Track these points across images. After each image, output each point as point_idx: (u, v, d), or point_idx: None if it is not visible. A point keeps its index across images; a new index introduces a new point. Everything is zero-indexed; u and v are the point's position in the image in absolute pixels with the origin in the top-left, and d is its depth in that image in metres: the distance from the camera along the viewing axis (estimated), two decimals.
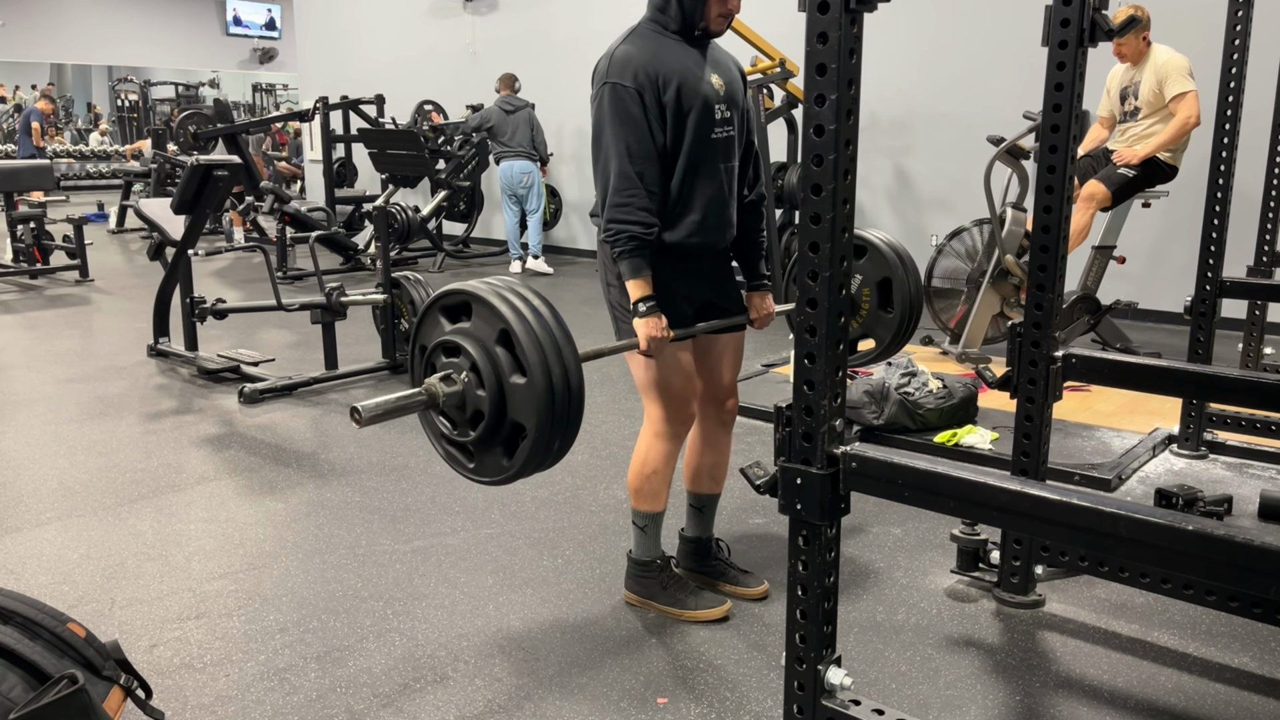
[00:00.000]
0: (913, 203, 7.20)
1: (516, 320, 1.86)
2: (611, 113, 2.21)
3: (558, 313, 1.92)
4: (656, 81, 2.23)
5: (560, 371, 1.86)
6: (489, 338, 1.90)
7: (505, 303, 1.87)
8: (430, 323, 2.02)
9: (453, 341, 1.93)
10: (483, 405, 1.91)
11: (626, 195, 2.21)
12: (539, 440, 1.88)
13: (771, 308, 2.59)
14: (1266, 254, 3.86)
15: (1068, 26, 2.22)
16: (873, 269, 2.69)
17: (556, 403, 1.87)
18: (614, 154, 2.22)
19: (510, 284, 1.93)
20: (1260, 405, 2.48)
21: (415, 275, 5.09)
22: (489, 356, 1.89)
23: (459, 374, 1.92)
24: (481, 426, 1.93)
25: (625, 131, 2.21)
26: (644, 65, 2.23)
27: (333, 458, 3.83)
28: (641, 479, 2.51)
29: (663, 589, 2.59)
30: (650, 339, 2.26)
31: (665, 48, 2.28)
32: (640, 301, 2.25)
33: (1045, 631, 2.49)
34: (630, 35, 2.31)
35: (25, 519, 3.26)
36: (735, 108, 2.37)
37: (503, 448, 1.96)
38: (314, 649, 2.44)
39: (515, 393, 1.88)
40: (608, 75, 2.24)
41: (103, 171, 17.39)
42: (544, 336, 1.86)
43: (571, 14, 9.24)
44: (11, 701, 1.65)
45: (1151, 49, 4.78)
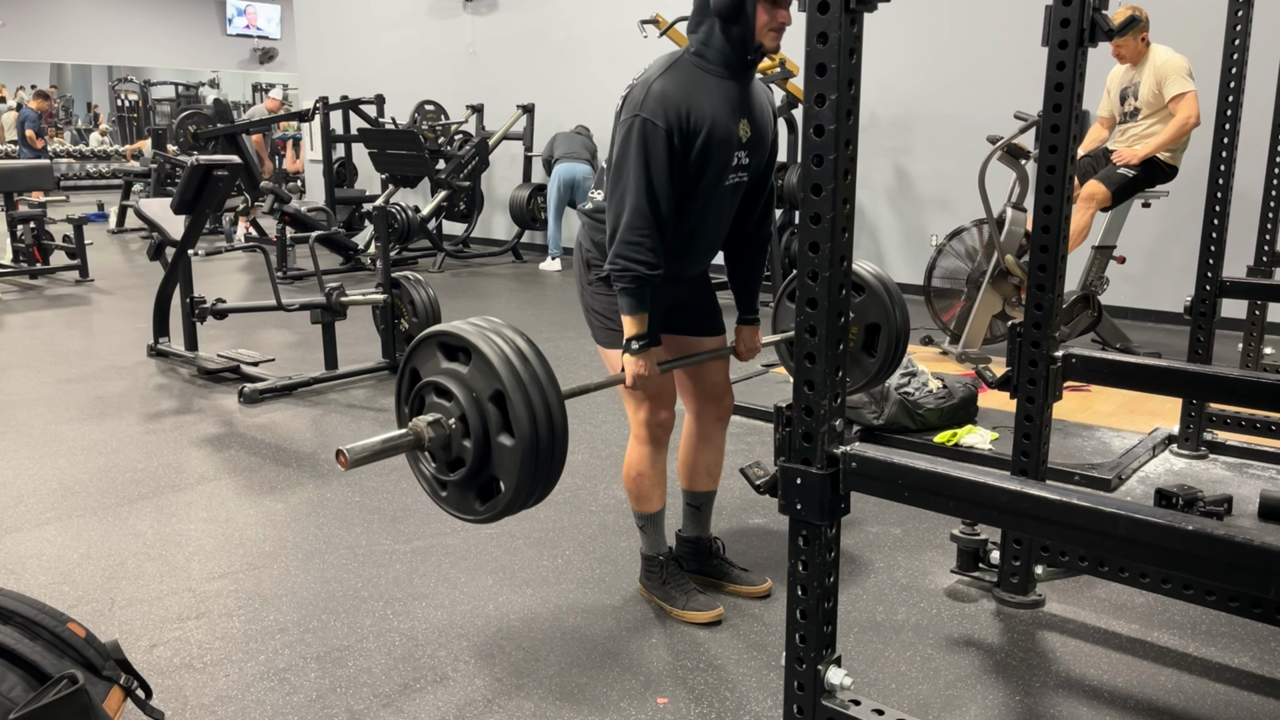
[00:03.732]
0: (913, 203, 7.20)
1: (513, 383, 1.86)
2: (638, 147, 2.16)
3: (551, 371, 1.92)
4: (687, 124, 2.18)
5: (548, 436, 1.88)
6: (483, 392, 1.89)
7: (505, 364, 1.86)
8: (426, 352, 2.02)
9: (446, 386, 1.93)
10: (465, 455, 1.92)
11: (639, 234, 2.18)
12: (514, 499, 1.91)
13: (758, 343, 2.62)
14: (1266, 254, 3.86)
15: (1068, 26, 2.22)
16: (866, 311, 2.72)
17: (539, 465, 1.88)
18: (633, 189, 2.17)
19: (509, 336, 1.92)
20: (1260, 405, 2.48)
21: (415, 275, 5.09)
22: (479, 411, 1.90)
23: (447, 419, 1.93)
24: (461, 473, 1.95)
25: (649, 169, 2.17)
26: (678, 106, 2.17)
27: (332, 458, 3.83)
28: (630, 481, 2.55)
29: (661, 584, 2.61)
30: (637, 376, 2.29)
31: (704, 88, 2.20)
32: (634, 339, 2.27)
33: (1045, 631, 2.49)
34: (670, 68, 2.21)
35: (25, 519, 3.26)
36: (756, 152, 2.34)
37: (478, 493, 1.98)
38: (314, 649, 2.44)
39: (500, 451, 1.89)
40: (641, 108, 2.17)
41: (103, 171, 17.39)
42: (537, 401, 1.86)
43: (571, 14, 9.25)
44: (11, 701, 1.65)
45: (1151, 49, 4.78)
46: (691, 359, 2.50)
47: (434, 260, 8.92)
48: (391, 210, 8.34)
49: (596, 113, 9.15)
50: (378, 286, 5.01)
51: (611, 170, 2.24)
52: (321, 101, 9.58)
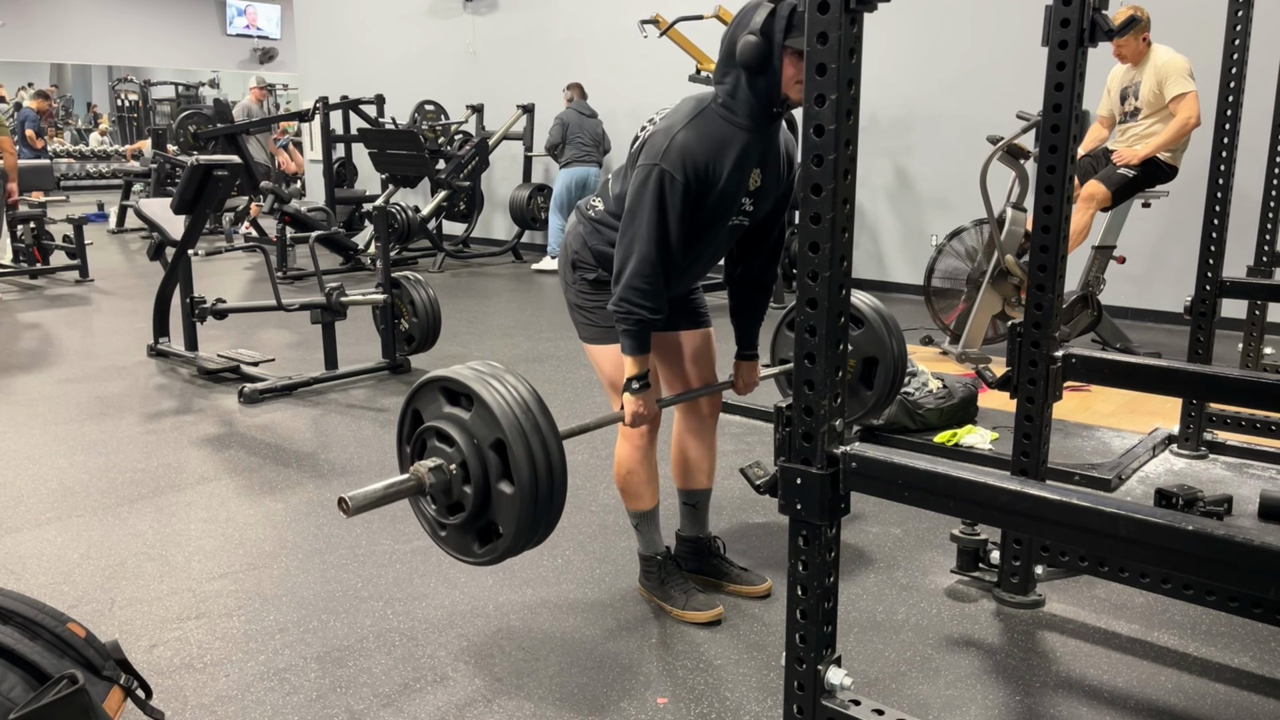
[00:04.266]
0: (913, 203, 7.20)
1: (514, 433, 1.88)
2: (655, 197, 2.17)
3: (551, 418, 1.95)
4: (705, 177, 2.19)
5: (547, 484, 1.90)
6: (484, 439, 1.92)
7: (506, 412, 1.89)
8: (429, 396, 2.04)
9: (448, 432, 1.96)
10: (465, 501, 1.96)
11: (646, 281, 2.20)
12: (514, 545, 1.94)
13: (757, 378, 2.65)
14: (1266, 254, 3.86)
15: (1068, 26, 2.22)
16: (864, 345, 2.75)
17: (538, 512, 1.91)
18: (645, 236, 2.18)
19: (515, 388, 1.94)
20: (1260, 405, 2.48)
21: (415, 275, 5.09)
22: (480, 458, 1.93)
23: (448, 464, 1.96)
24: (460, 517, 1.98)
25: (664, 220, 2.18)
26: (698, 161, 2.17)
27: (333, 458, 3.83)
28: (621, 479, 2.56)
29: (660, 583, 2.61)
30: (636, 415, 2.32)
31: (727, 141, 2.20)
32: (634, 379, 2.30)
33: (1045, 631, 2.49)
34: (696, 118, 2.20)
35: (25, 519, 3.26)
36: (762, 199, 2.34)
37: (477, 537, 2.01)
38: (314, 649, 2.44)
39: (500, 498, 1.92)
40: (663, 158, 2.17)
41: (103, 171, 17.38)
42: (537, 450, 1.89)
43: (571, 14, 9.25)
44: (11, 701, 1.65)
45: (1151, 49, 4.78)
46: (690, 395, 2.55)
47: (434, 260, 8.92)
48: (391, 210, 8.34)
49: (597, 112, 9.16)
50: (378, 286, 5.01)
51: (625, 208, 2.24)
52: (321, 101, 9.58)
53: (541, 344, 5.77)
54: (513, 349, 5.68)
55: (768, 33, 2.07)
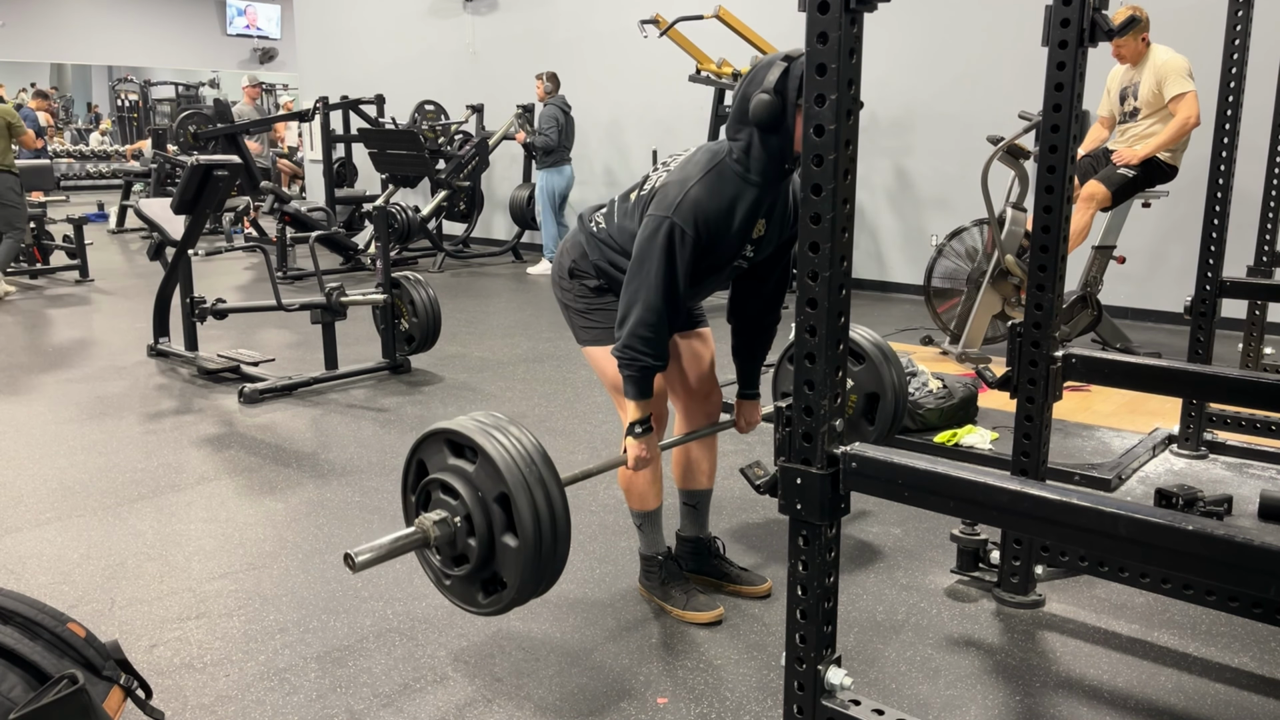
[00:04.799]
0: (913, 203, 7.20)
1: (519, 488, 1.90)
2: (664, 250, 2.19)
3: (555, 470, 1.97)
4: (714, 232, 2.22)
5: (550, 537, 1.93)
6: (489, 492, 1.94)
7: (510, 466, 1.91)
8: (434, 447, 2.07)
9: (453, 485, 1.98)
10: (470, 554, 1.98)
11: (652, 329, 2.22)
12: (519, 596, 1.97)
13: (758, 417, 2.67)
14: (1266, 254, 3.86)
15: (1068, 26, 2.22)
16: (865, 381, 2.79)
17: (543, 565, 1.94)
18: (653, 286, 2.20)
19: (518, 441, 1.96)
20: (1260, 405, 2.48)
21: (415, 275, 5.09)
22: (485, 511, 1.95)
23: (453, 517, 1.98)
24: (465, 569, 2.00)
25: (673, 273, 2.20)
26: (709, 216, 2.19)
27: (333, 458, 3.83)
28: (626, 480, 2.56)
29: (661, 584, 2.62)
30: (638, 459, 2.34)
31: (740, 197, 2.22)
32: (637, 424, 2.32)
33: (1045, 631, 2.49)
34: (710, 173, 2.21)
35: (25, 519, 3.26)
36: (764, 246, 2.36)
37: (481, 588, 2.03)
38: (314, 649, 2.44)
39: (504, 551, 1.94)
40: (675, 211, 2.18)
41: (103, 171, 17.38)
42: (541, 503, 1.91)
43: (571, 14, 9.25)
44: (11, 701, 1.65)
45: (1151, 49, 4.78)
46: (693, 436, 2.59)
47: (434, 260, 8.92)
48: (391, 210, 8.34)
49: (596, 112, 9.16)
50: (378, 286, 5.01)
51: (634, 256, 2.25)
52: (321, 101, 9.59)
53: (541, 344, 5.77)
54: (513, 349, 5.69)
55: (781, 91, 2.09)
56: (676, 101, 8.31)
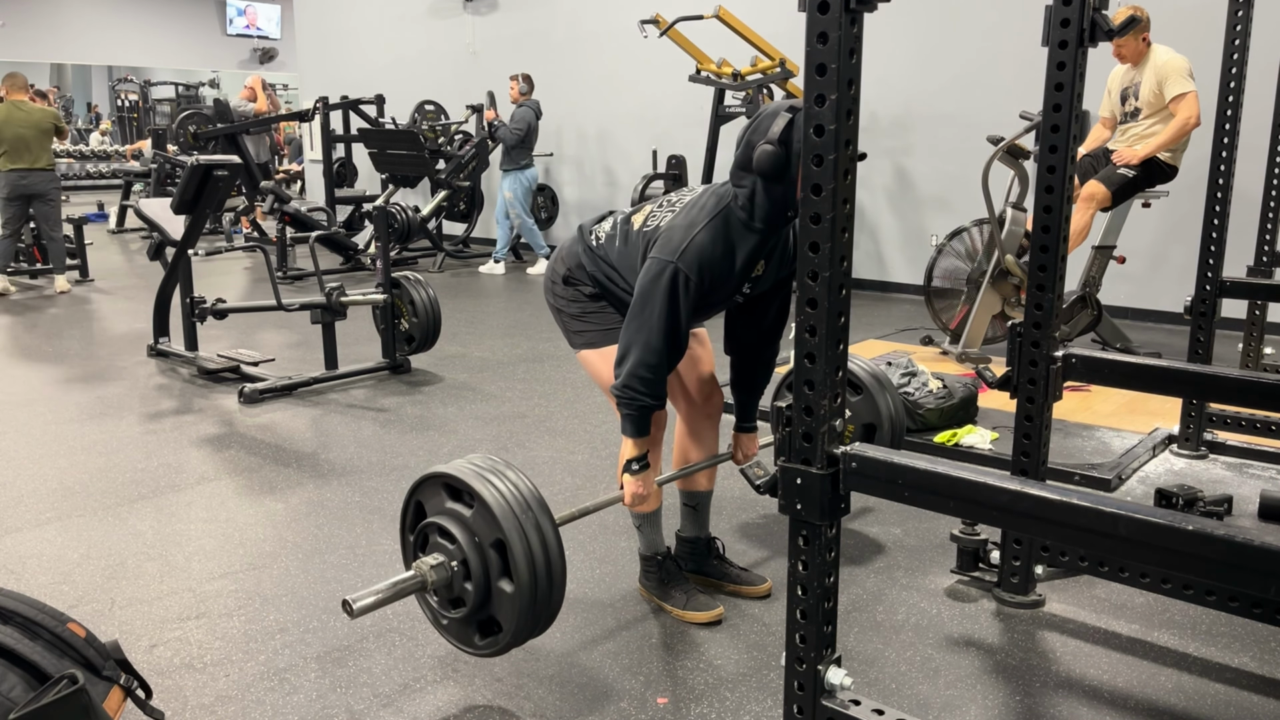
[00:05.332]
0: (913, 203, 7.20)
1: (515, 534, 1.93)
2: (667, 295, 2.20)
3: (550, 515, 1.99)
4: (716, 277, 2.24)
5: (546, 585, 1.95)
6: (485, 538, 1.97)
7: (506, 513, 1.93)
8: (431, 490, 2.10)
9: (449, 530, 2.01)
10: (467, 597, 2.02)
11: (651, 370, 2.23)
12: (515, 640, 2.00)
13: (755, 450, 2.68)
14: (1266, 254, 3.86)
15: (1068, 26, 2.22)
16: (862, 412, 2.81)
17: (538, 610, 1.97)
18: (655, 329, 2.21)
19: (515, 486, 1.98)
20: (1260, 405, 2.48)
21: (415, 275, 5.09)
22: (481, 556, 1.98)
23: (450, 561, 2.01)
24: (461, 612, 2.04)
25: (675, 316, 2.22)
26: (713, 262, 2.21)
27: (333, 458, 3.83)
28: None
29: (661, 584, 2.62)
30: (636, 495, 2.37)
31: (743, 243, 2.24)
32: (634, 461, 2.34)
33: (1045, 631, 2.49)
34: (715, 219, 2.22)
35: (25, 519, 3.26)
36: (762, 283, 2.37)
37: (478, 629, 2.06)
38: (314, 649, 2.44)
39: (500, 595, 1.98)
40: (680, 257, 2.19)
41: (103, 171, 17.38)
42: (537, 552, 1.94)
43: (571, 14, 9.25)
44: (11, 701, 1.65)
45: (1151, 49, 4.78)
46: (690, 470, 2.61)
47: (434, 260, 8.92)
48: (391, 210, 8.34)
49: (596, 112, 9.16)
50: (378, 286, 5.01)
51: (636, 297, 2.26)
52: (321, 101, 9.58)
53: (541, 344, 5.77)
54: (513, 349, 5.68)
55: (786, 142, 2.09)
56: (676, 102, 8.31)
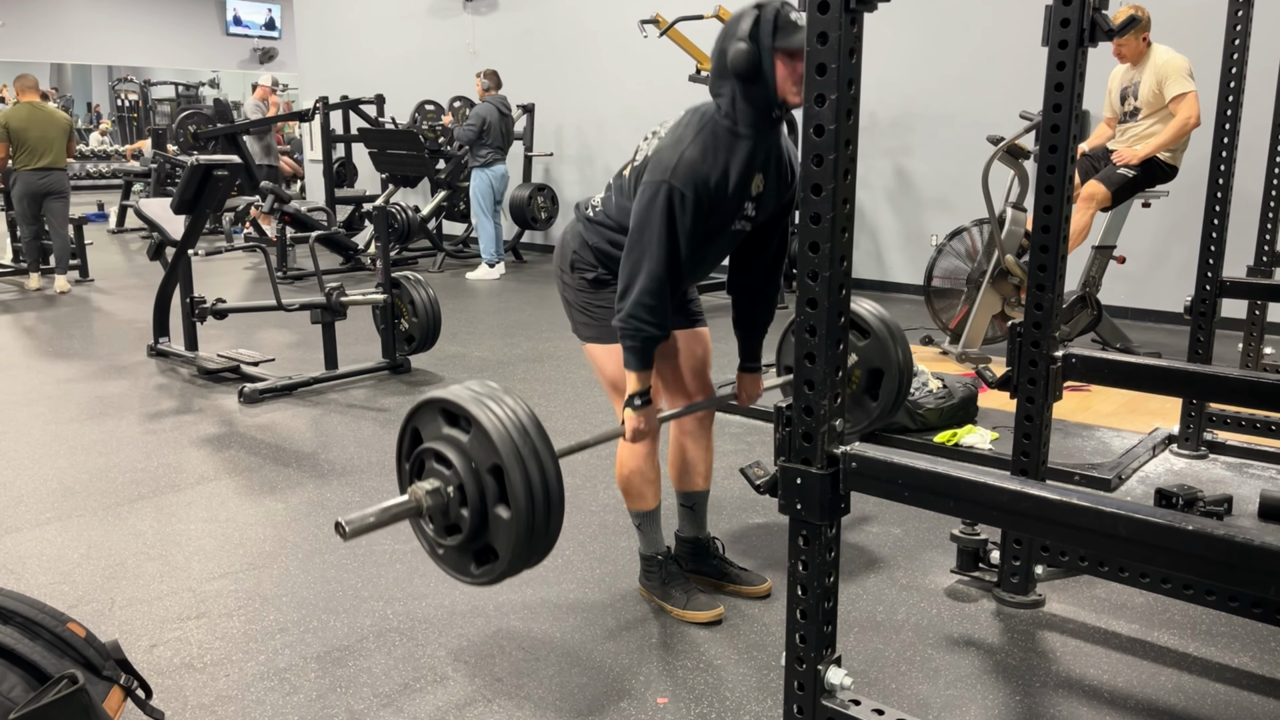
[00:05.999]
0: (913, 203, 7.20)
1: (511, 458, 1.87)
2: (663, 214, 2.17)
3: (548, 441, 1.94)
4: (712, 190, 2.20)
5: (544, 509, 1.90)
6: (482, 463, 1.92)
7: (504, 438, 1.88)
8: (428, 416, 2.04)
9: (446, 454, 1.96)
10: (463, 524, 1.95)
11: (655, 298, 2.20)
12: (510, 568, 1.94)
13: (759, 390, 2.64)
14: (1266, 254, 3.86)
15: (1068, 26, 2.22)
16: (870, 356, 2.74)
17: (535, 538, 1.91)
18: (653, 255, 2.18)
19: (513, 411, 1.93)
20: (1260, 405, 2.48)
21: (415, 275, 5.09)
22: (478, 481, 1.93)
23: (446, 486, 1.96)
24: (457, 539, 1.98)
25: (674, 237, 2.18)
26: (707, 175, 2.18)
27: (333, 458, 3.83)
28: (623, 480, 2.56)
29: (661, 583, 2.61)
30: (637, 431, 2.32)
31: (734, 152, 2.21)
32: (636, 395, 2.30)
33: (1045, 631, 2.49)
34: (703, 132, 2.20)
35: (25, 519, 3.26)
36: (765, 203, 2.34)
37: (474, 558, 2.01)
38: (314, 649, 2.44)
39: (497, 522, 1.92)
40: (672, 175, 2.17)
41: (103, 171, 17.38)
42: (534, 475, 1.88)
43: (571, 14, 9.25)
44: (11, 701, 1.65)
45: (1152, 49, 4.78)
46: (691, 409, 2.54)
47: (434, 260, 8.92)
48: (391, 210, 8.33)
49: (596, 112, 9.16)
50: (378, 286, 5.01)
51: (632, 224, 2.23)
52: (321, 101, 9.58)
53: (541, 344, 5.77)
54: (513, 349, 5.68)
55: (755, 38, 2.08)
56: (676, 101, 8.24)
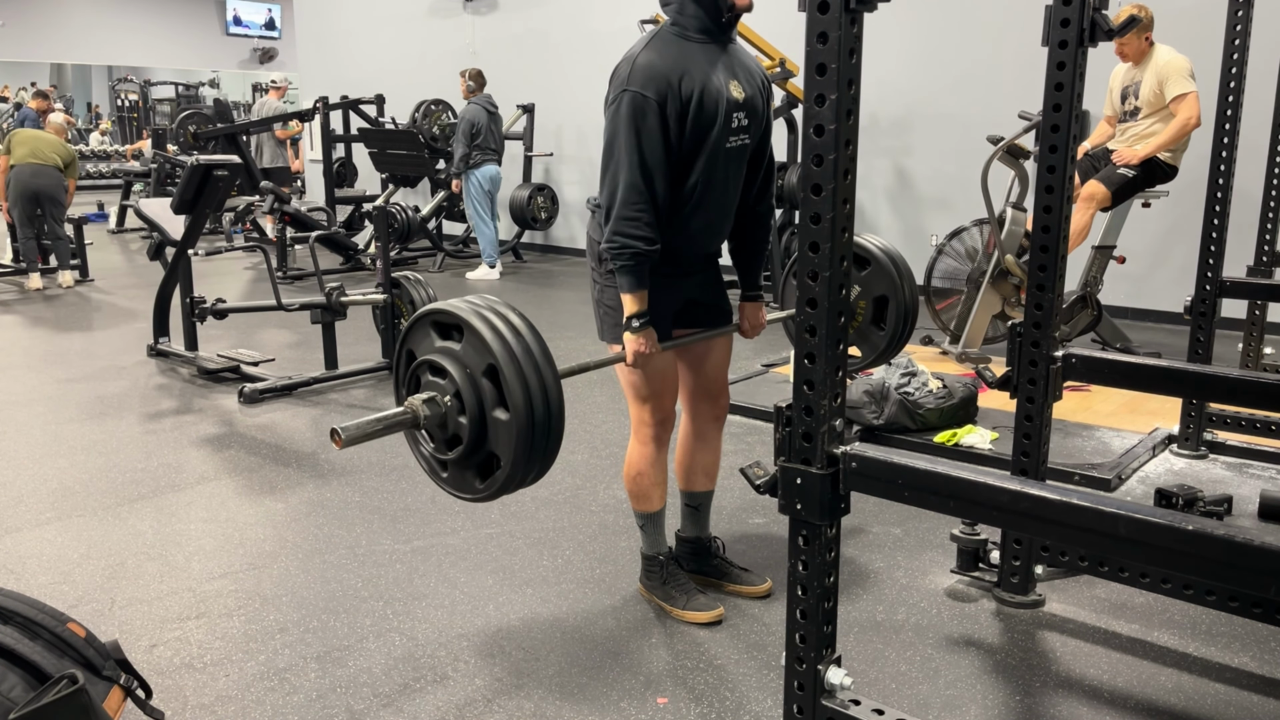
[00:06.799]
0: (913, 203, 7.20)
1: (505, 357, 1.85)
2: (628, 122, 2.14)
3: (545, 346, 1.91)
4: (679, 91, 2.16)
5: (543, 410, 1.87)
6: (476, 367, 1.89)
7: (496, 336, 1.86)
8: (420, 333, 2.01)
9: (440, 364, 1.93)
10: (462, 432, 1.92)
11: (635, 209, 2.16)
12: (513, 474, 1.91)
13: (763, 319, 2.60)
14: (1266, 254, 3.86)
15: (1068, 26, 2.22)
16: (873, 283, 2.71)
17: (535, 440, 1.88)
18: (625, 164, 2.16)
19: (502, 312, 1.91)
20: (1260, 405, 2.48)
21: (415, 275, 5.09)
22: (474, 387, 1.90)
23: (443, 396, 1.92)
24: (459, 450, 1.95)
25: (641, 143, 2.15)
26: (665, 74, 2.15)
27: (333, 458, 3.83)
28: (630, 480, 2.56)
29: (662, 583, 2.61)
30: (637, 354, 2.28)
31: (689, 54, 2.19)
32: (635, 317, 2.25)
33: (1045, 631, 2.49)
34: (653, 40, 2.21)
35: (25, 519, 3.26)
36: (754, 115, 2.31)
37: (477, 471, 1.98)
38: (314, 649, 2.44)
39: (496, 426, 1.89)
40: (628, 83, 2.15)
41: (103, 171, 17.37)
42: (530, 375, 1.86)
43: (571, 14, 9.24)
44: (11, 701, 1.65)
45: (1154, 49, 4.77)
46: (694, 338, 2.47)
47: (434, 260, 8.92)
48: (391, 210, 8.34)
49: (596, 112, 9.11)
50: (378, 286, 5.01)
51: (604, 150, 2.21)
52: (321, 101, 9.58)
53: None
54: None
55: None
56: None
